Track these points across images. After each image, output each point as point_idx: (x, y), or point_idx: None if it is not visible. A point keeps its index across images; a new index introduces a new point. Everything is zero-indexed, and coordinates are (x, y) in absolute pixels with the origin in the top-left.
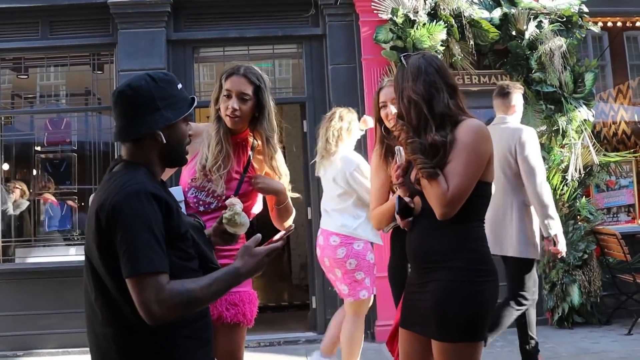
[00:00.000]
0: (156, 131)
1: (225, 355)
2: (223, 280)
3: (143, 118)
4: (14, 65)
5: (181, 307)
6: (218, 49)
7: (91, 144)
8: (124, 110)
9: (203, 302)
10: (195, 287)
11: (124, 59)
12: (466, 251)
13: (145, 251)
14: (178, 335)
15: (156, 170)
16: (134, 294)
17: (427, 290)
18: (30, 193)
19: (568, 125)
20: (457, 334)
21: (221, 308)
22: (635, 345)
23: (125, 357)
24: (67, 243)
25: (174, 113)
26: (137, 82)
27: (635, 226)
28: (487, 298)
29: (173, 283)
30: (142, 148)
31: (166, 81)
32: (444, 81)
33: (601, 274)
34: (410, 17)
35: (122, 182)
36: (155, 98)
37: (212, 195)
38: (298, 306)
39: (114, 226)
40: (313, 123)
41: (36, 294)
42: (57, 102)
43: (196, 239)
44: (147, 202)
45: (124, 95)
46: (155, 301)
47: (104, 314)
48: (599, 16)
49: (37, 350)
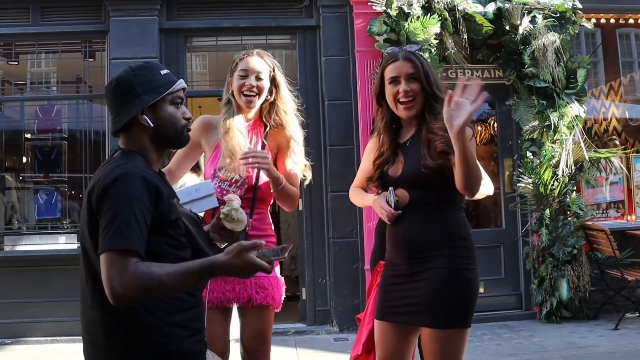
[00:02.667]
0: (139, 116)
1: (254, 337)
2: (195, 272)
3: (125, 106)
4: (5, 51)
5: (143, 290)
6: (211, 38)
7: (82, 132)
8: (111, 103)
9: (168, 289)
10: (162, 272)
11: (116, 47)
12: (460, 239)
13: (122, 229)
14: (164, 322)
15: (152, 157)
16: (102, 270)
17: (422, 279)
18: (20, 181)
19: (560, 120)
20: (452, 320)
21: (251, 291)
22: (622, 339)
23: (112, 341)
24: (57, 231)
25: (153, 96)
26: (118, 74)
27: (624, 222)
28: (476, 285)
29: (139, 264)
30: (133, 136)
31: (145, 68)
32: None
33: (590, 270)
34: (404, 10)
35: (114, 166)
36: (134, 85)
37: (235, 184)
38: (288, 297)
39: (101, 206)
40: (306, 114)
41: (25, 282)
42: (48, 89)
43: (190, 229)
44: (135, 183)
45: (108, 89)
46: (117, 278)
47: (93, 298)
48: (592, 12)
49: (26, 338)
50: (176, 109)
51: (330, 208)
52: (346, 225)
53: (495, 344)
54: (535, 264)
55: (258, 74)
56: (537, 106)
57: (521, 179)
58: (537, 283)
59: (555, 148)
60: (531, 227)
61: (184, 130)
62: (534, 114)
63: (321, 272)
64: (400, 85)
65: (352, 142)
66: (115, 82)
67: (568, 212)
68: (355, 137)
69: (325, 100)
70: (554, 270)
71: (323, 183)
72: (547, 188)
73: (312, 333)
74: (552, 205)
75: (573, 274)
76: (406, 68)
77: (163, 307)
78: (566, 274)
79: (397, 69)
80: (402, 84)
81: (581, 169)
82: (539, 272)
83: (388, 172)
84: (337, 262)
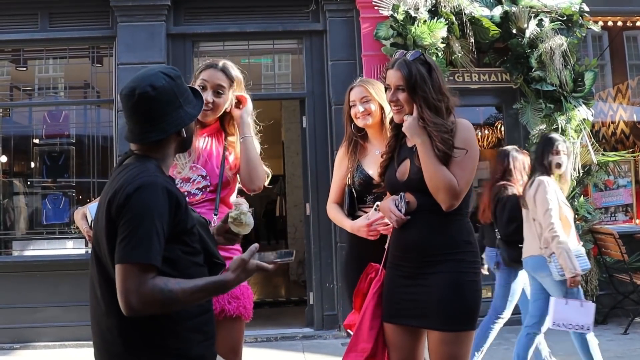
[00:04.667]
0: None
1: (226, 349)
2: (208, 290)
3: (170, 117)
4: (13, 57)
5: (158, 305)
6: (218, 43)
7: (89, 137)
8: (149, 111)
9: (181, 305)
10: (177, 289)
11: (124, 52)
12: (467, 244)
13: (143, 241)
14: (181, 328)
15: (167, 163)
16: (117, 281)
17: (429, 283)
18: (28, 186)
19: (567, 124)
20: (461, 323)
21: (223, 302)
22: (631, 344)
23: (130, 349)
24: (65, 236)
25: (193, 108)
26: (159, 82)
27: (632, 226)
28: (481, 288)
29: (157, 279)
30: (164, 145)
31: (178, 77)
32: None
33: (598, 273)
34: (411, 14)
35: (136, 173)
36: (177, 95)
37: (197, 186)
38: (295, 302)
39: (122, 215)
40: (312, 119)
41: (33, 287)
42: (56, 94)
43: (202, 235)
44: (158, 194)
45: (148, 96)
46: (135, 292)
47: (108, 305)
48: (599, 15)
49: (34, 343)
50: None
51: None
52: None
53: (503, 348)
54: None
55: (218, 88)
56: (544, 109)
57: None
58: None
59: None
60: None
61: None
62: (542, 118)
63: (328, 276)
64: (390, 93)
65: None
66: (157, 90)
67: (576, 216)
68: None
69: (332, 104)
70: None
71: (330, 187)
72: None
73: (320, 338)
74: None
75: (581, 278)
76: (395, 78)
77: (180, 312)
78: None
79: (388, 78)
80: (391, 92)
81: (589, 173)
82: None
83: (396, 175)
84: None
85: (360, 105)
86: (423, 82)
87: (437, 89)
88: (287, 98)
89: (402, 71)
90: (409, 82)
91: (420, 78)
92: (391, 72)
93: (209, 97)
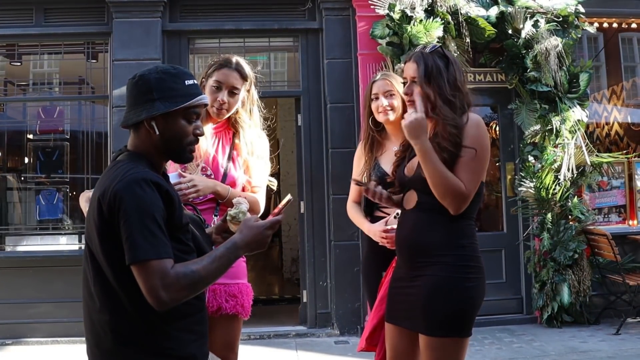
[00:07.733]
0: (147, 121)
1: (222, 347)
2: (224, 256)
3: (137, 107)
4: (7, 52)
5: (188, 289)
6: (214, 40)
7: (84, 133)
8: (128, 97)
9: (208, 280)
10: (199, 267)
11: (119, 49)
12: (457, 247)
13: (148, 238)
14: (172, 327)
15: (157, 162)
16: (140, 281)
17: (418, 285)
18: (22, 181)
19: (562, 125)
20: (445, 329)
21: (220, 300)
22: (623, 344)
23: (120, 345)
24: (58, 232)
25: (166, 105)
26: (144, 72)
27: (625, 227)
28: (475, 295)
29: (177, 267)
30: (139, 137)
31: (170, 74)
32: None
33: (591, 274)
34: (407, 13)
35: (125, 170)
36: (153, 89)
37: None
38: (289, 300)
39: (116, 213)
40: (308, 117)
41: (26, 283)
42: (50, 90)
43: (195, 233)
44: (149, 189)
45: (130, 82)
46: (162, 286)
47: (101, 302)
48: (595, 17)
49: (26, 339)
50: (187, 124)
51: (332, 211)
52: (347, 228)
53: (496, 348)
54: (537, 268)
55: (233, 89)
56: (539, 110)
57: (523, 183)
58: (538, 287)
59: (557, 152)
60: (532, 231)
61: (188, 147)
62: (536, 118)
63: (322, 274)
64: (406, 86)
65: (354, 144)
66: (137, 78)
67: (569, 217)
68: (357, 140)
69: (328, 103)
70: (555, 274)
71: (325, 186)
72: (548, 192)
73: (313, 336)
74: (553, 210)
75: (574, 278)
76: (411, 70)
77: (172, 312)
78: (567, 279)
79: (405, 70)
80: (407, 84)
81: (583, 174)
82: (540, 277)
83: (404, 171)
84: (338, 264)
85: (385, 99)
86: (439, 75)
87: (452, 84)
88: (283, 96)
89: (419, 63)
90: (424, 73)
91: (436, 70)
92: (408, 64)
93: (225, 97)
